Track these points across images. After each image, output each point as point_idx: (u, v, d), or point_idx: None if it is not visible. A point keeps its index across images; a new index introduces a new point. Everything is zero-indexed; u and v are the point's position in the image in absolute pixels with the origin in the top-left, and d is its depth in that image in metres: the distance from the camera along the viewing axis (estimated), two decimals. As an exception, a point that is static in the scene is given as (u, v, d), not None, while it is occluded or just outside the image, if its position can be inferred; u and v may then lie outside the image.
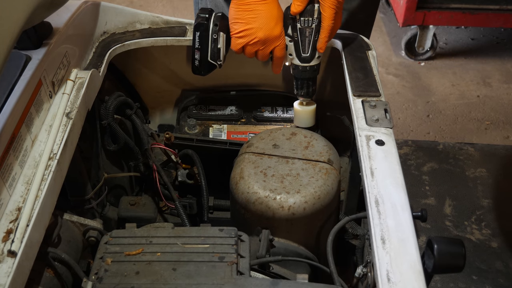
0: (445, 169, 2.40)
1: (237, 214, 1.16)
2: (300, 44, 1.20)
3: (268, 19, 1.16)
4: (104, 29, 1.33)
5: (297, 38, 1.19)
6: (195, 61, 1.21)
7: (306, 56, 1.21)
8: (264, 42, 1.17)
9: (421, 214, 0.99)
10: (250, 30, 1.16)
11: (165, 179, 1.29)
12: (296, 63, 1.23)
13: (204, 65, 1.21)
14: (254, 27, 1.16)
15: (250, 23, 1.16)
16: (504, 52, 3.21)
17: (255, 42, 1.18)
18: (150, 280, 0.92)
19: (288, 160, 1.16)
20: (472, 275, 1.95)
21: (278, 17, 1.17)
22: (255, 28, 1.16)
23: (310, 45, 1.20)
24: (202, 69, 1.22)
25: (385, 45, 3.28)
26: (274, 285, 0.92)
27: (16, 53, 1.04)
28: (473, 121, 2.74)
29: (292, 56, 1.22)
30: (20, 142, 0.93)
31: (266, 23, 1.16)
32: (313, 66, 1.23)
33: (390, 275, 0.79)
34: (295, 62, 1.23)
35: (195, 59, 1.21)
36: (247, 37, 1.17)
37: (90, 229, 1.13)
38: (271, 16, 1.16)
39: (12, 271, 0.77)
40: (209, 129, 1.45)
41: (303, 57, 1.22)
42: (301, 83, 1.27)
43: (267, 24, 1.16)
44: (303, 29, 1.18)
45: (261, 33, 1.16)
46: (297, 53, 1.21)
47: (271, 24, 1.16)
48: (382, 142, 1.01)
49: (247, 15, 1.15)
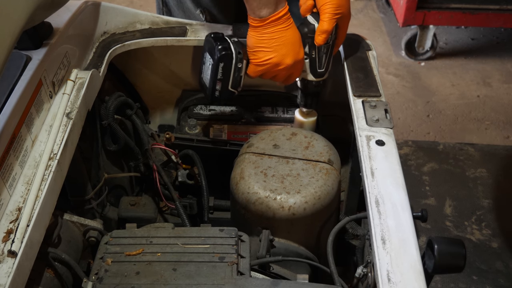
0: (445, 169, 2.40)
1: (237, 214, 1.16)
2: (317, 60, 1.20)
3: (294, 45, 1.15)
4: (104, 29, 1.33)
5: (314, 55, 1.19)
6: (216, 91, 1.17)
7: (321, 71, 1.22)
8: (292, 67, 1.17)
9: (421, 214, 0.99)
10: (278, 58, 1.14)
11: (165, 179, 1.29)
12: (311, 78, 1.23)
13: (225, 94, 1.18)
14: (282, 54, 1.14)
15: (277, 50, 1.14)
16: (504, 52, 3.21)
17: (283, 68, 1.16)
18: (151, 280, 0.92)
19: (289, 160, 1.16)
20: (473, 275, 1.95)
21: (300, 40, 1.16)
22: (284, 55, 1.14)
23: (326, 61, 1.20)
24: (222, 98, 1.19)
25: (385, 45, 3.28)
26: (274, 285, 0.92)
27: (16, 53, 1.04)
28: (473, 121, 2.74)
29: (306, 72, 1.22)
30: (20, 142, 0.93)
31: (293, 49, 1.15)
32: (325, 80, 1.25)
33: (390, 275, 0.79)
34: (309, 78, 1.23)
35: (215, 90, 1.16)
36: (273, 65, 1.16)
37: (90, 229, 1.13)
38: (296, 41, 1.15)
39: (12, 271, 0.77)
40: (210, 129, 1.45)
41: (318, 73, 1.22)
42: (311, 96, 1.28)
43: (293, 49, 1.15)
44: (321, 46, 1.18)
45: (289, 59, 1.15)
46: (312, 69, 1.21)
47: (297, 49, 1.15)
48: (383, 142, 1.01)
49: (273, 43, 1.13)
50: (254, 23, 1.13)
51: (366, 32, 3.36)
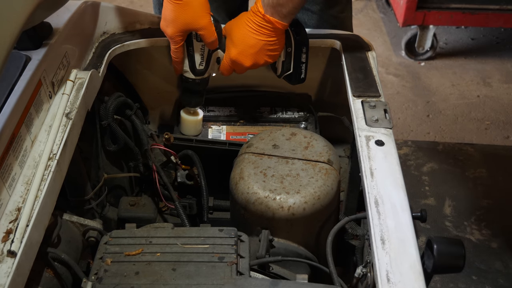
0: (445, 169, 2.40)
1: (237, 215, 1.16)
2: (195, 58, 1.25)
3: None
4: (104, 30, 1.33)
5: (192, 53, 1.24)
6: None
7: (201, 69, 1.27)
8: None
9: (421, 215, 0.99)
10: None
11: (164, 179, 1.29)
12: (190, 76, 1.28)
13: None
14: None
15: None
16: (504, 52, 3.21)
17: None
18: (150, 280, 0.92)
19: (288, 161, 1.16)
20: (472, 275, 1.95)
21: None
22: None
23: (206, 59, 1.26)
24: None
25: (385, 45, 3.28)
26: (273, 285, 0.92)
27: (16, 53, 1.04)
28: (473, 121, 2.74)
29: (185, 70, 1.27)
30: (20, 142, 0.93)
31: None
32: (206, 79, 1.30)
33: (389, 276, 0.79)
34: (187, 75, 1.28)
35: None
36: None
37: (90, 229, 1.13)
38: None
39: (12, 271, 0.77)
40: (208, 129, 1.45)
41: (198, 71, 1.27)
42: (192, 94, 1.32)
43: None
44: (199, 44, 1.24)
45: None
46: (191, 67, 1.26)
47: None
48: (382, 142, 1.01)
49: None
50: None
51: (366, 32, 3.36)
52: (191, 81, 1.28)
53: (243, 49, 1.20)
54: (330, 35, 1.36)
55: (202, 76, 1.27)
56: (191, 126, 1.39)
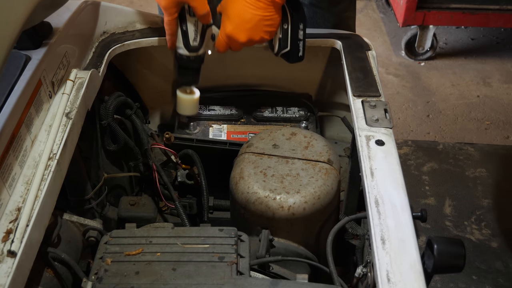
0: (445, 169, 2.40)
1: (237, 214, 1.16)
2: (189, 34, 1.21)
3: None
4: (104, 29, 1.33)
5: (185, 29, 1.20)
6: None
7: (195, 45, 1.22)
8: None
9: (421, 214, 0.99)
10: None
11: (165, 179, 1.29)
12: (184, 52, 1.23)
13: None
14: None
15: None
16: (504, 52, 3.21)
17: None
18: (150, 280, 0.92)
19: (288, 160, 1.16)
20: (472, 275, 1.95)
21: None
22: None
23: (200, 35, 1.21)
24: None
25: (385, 45, 3.28)
26: (274, 285, 0.92)
27: (16, 53, 1.04)
28: (473, 121, 2.74)
29: (179, 46, 1.23)
30: (20, 142, 0.92)
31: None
32: (201, 56, 1.24)
33: (390, 275, 0.79)
34: (181, 52, 1.23)
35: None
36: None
37: (90, 229, 1.13)
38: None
39: (12, 271, 0.77)
40: (209, 129, 1.45)
41: (192, 47, 1.23)
42: (187, 72, 1.27)
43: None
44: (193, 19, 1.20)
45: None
46: (185, 43, 1.22)
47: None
48: (382, 142, 1.01)
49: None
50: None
51: (366, 32, 3.36)
52: (185, 58, 1.23)
53: (239, 23, 1.17)
54: (330, 34, 1.36)
55: (196, 53, 1.23)
56: (187, 106, 1.33)
